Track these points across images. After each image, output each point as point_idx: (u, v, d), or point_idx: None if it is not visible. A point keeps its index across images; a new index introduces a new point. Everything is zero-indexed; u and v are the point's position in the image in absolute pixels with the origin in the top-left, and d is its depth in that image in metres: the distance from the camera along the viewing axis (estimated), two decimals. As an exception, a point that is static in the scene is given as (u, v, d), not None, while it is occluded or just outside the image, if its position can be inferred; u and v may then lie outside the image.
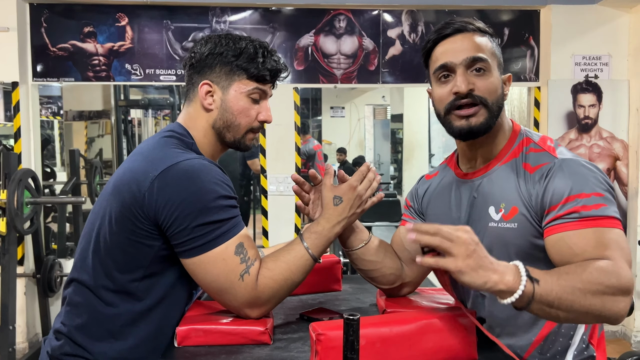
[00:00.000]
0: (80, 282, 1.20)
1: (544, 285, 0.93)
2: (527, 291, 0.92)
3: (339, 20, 3.75)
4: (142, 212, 1.12)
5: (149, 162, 1.15)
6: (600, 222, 1.04)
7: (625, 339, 3.79)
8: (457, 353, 1.03)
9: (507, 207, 1.14)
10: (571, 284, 0.94)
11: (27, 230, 3.25)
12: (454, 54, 1.15)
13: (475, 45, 1.15)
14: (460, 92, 1.13)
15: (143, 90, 5.98)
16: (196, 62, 1.26)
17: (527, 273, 0.93)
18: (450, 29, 1.16)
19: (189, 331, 1.13)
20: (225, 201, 1.14)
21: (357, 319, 0.77)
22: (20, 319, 3.41)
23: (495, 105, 1.16)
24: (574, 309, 0.95)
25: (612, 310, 0.96)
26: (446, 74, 1.16)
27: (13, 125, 3.52)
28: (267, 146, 3.77)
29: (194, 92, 1.28)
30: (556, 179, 1.09)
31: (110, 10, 3.63)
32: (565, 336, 1.16)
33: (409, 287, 1.36)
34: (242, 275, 1.13)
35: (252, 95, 1.26)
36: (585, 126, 3.79)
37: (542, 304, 0.94)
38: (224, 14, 3.70)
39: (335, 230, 1.23)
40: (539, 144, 1.18)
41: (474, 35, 1.16)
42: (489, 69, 1.15)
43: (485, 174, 1.21)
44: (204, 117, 1.27)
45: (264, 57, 1.25)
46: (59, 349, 1.19)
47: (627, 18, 3.74)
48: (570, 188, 1.07)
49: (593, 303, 0.95)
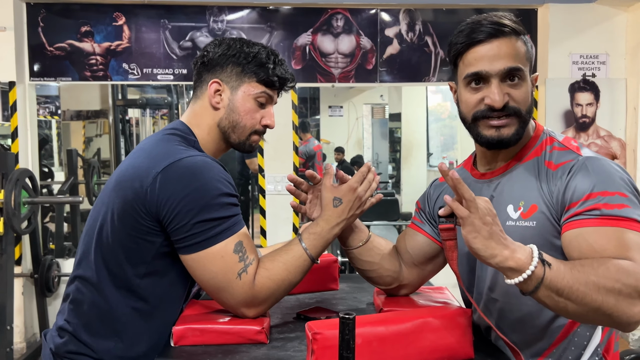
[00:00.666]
0: (84, 279, 1.20)
1: (556, 271, 0.90)
2: (537, 273, 0.89)
3: (337, 20, 3.75)
4: (144, 208, 1.13)
5: (152, 158, 1.16)
6: (622, 222, 0.98)
7: (624, 337, 3.80)
8: (454, 352, 1.03)
9: (527, 205, 1.10)
10: (585, 276, 0.90)
11: (25, 230, 3.25)
12: (489, 62, 1.08)
13: (512, 54, 1.09)
14: (496, 106, 1.08)
15: (141, 89, 5.97)
16: (208, 61, 1.28)
17: (540, 255, 0.91)
18: (483, 34, 1.09)
19: (186, 330, 1.13)
20: (227, 199, 1.14)
21: (352, 318, 0.77)
22: (18, 319, 3.40)
23: (527, 114, 1.12)
24: (584, 302, 0.90)
25: (625, 312, 0.90)
26: (478, 80, 1.11)
27: (10, 125, 3.52)
28: (265, 145, 3.76)
29: (202, 89, 1.29)
30: (579, 175, 1.05)
31: (108, 9, 3.62)
32: (579, 347, 1.11)
33: (407, 289, 1.35)
34: (240, 274, 1.13)
35: (259, 98, 1.28)
36: (582, 125, 3.79)
37: (551, 290, 0.90)
38: (222, 13, 3.69)
39: (334, 232, 1.23)
40: (562, 142, 1.14)
41: (510, 40, 1.09)
42: (524, 77, 1.10)
43: (504, 172, 1.17)
44: (210, 115, 1.28)
45: (275, 64, 1.28)
46: (63, 347, 1.20)
47: (624, 17, 3.75)
48: (593, 185, 1.02)
49: (606, 300, 0.90)
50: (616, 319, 0.92)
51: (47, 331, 1.28)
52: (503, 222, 1.09)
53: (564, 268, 0.91)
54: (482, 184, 1.20)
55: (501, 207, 1.12)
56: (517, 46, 1.10)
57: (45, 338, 1.26)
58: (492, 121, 1.10)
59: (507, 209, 1.12)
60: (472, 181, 1.23)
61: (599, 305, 0.90)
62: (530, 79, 1.13)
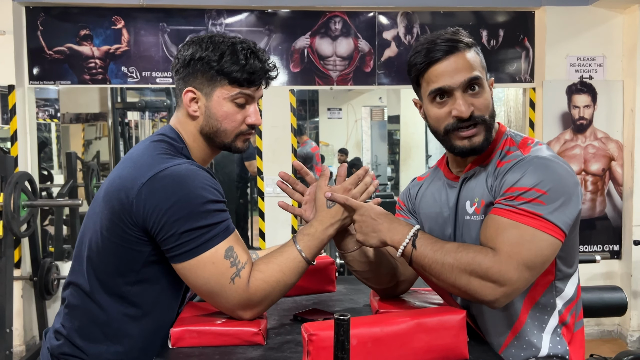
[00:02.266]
0: (77, 286, 1.22)
1: (421, 252, 1.12)
2: (406, 251, 1.13)
3: (335, 23, 3.77)
4: (130, 219, 1.13)
5: (137, 168, 1.16)
6: (518, 215, 1.08)
7: (622, 339, 3.80)
8: (448, 352, 1.04)
9: (479, 201, 1.20)
10: (443, 258, 1.09)
11: (24, 233, 3.26)
12: (450, 77, 1.16)
13: (469, 65, 1.17)
14: (463, 117, 1.16)
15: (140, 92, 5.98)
16: (180, 68, 1.25)
17: (413, 238, 1.13)
18: (440, 52, 1.17)
19: (183, 332, 1.14)
20: (213, 205, 1.14)
21: (347, 319, 0.77)
22: (17, 322, 3.41)
23: (491, 119, 1.21)
24: (442, 279, 1.10)
25: (477, 291, 1.07)
26: (442, 95, 1.18)
27: (10, 128, 3.53)
28: (263, 148, 3.77)
29: (181, 98, 1.27)
30: (512, 171, 1.14)
31: (107, 13, 3.64)
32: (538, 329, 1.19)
33: (404, 285, 1.38)
34: (233, 279, 1.14)
35: (237, 100, 1.24)
36: (580, 127, 3.80)
37: (418, 265, 1.13)
38: (220, 16, 3.71)
39: (329, 233, 1.24)
40: (519, 143, 1.22)
41: (465, 53, 1.18)
42: (482, 84, 1.19)
43: (468, 173, 1.25)
44: (192, 124, 1.27)
45: (247, 60, 1.21)
46: (58, 349, 1.22)
47: (621, 19, 3.76)
48: (518, 179, 1.11)
49: (459, 279, 1.07)
50: (474, 296, 1.08)
51: (47, 330, 1.30)
52: (463, 217, 1.24)
53: (430, 249, 1.11)
54: (453, 184, 1.29)
55: (463, 204, 1.24)
56: (471, 57, 1.18)
57: (45, 337, 1.29)
58: (462, 132, 1.19)
59: (465, 205, 1.23)
60: (445, 181, 1.32)
61: (453, 282, 1.09)
62: (487, 84, 1.21)
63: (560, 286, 1.20)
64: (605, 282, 3.76)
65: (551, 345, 1.18)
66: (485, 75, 1.21)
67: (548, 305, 1.19)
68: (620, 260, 3.85)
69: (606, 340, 3.78)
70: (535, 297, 1.18)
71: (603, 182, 3.82)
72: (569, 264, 1.21)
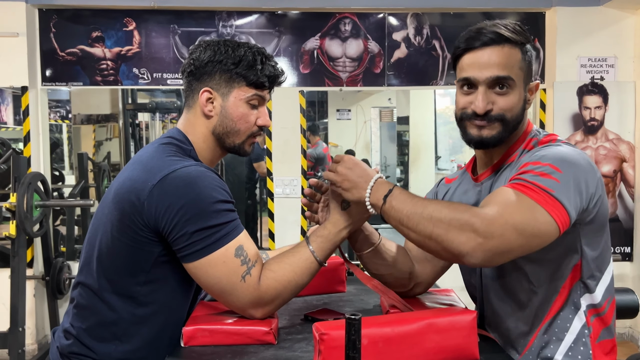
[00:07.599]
0: (86, 286, 1.24)
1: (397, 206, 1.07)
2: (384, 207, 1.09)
3: (344, 24, 3.77)
4: (142, 220, 1.15)
5: (147, 171, 1.18)
6: (524, 187, 1.02)
7: (633, 341, 3.77)
8: (459, 353, 1.04)
9: None
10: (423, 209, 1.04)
11: (37, 232, 3.29)
12: (479, 69, 1.14)
13: (502, 62, 1.14)
14: (478, 112, 1.15)
15: (150, 93, 6.02)
16: (195, 69, 1.28)
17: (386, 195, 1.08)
18: (479, 42, 1.15)
19: (195, 331, 1.15)
20: (222, 205, 1.16)
21: (358, 318, 0.78)
22: (30, 321, 3.44)
23: (513, 119, 1.17)
24: (418, 230, 1.04)
25: (452, 240, 1.00)
26: (469, 85, 1.17)
27: (23, 129, 3.56)
28: (273, 149, 3.79)
29: (194, 98, 1.29)
30: (528, 155, 1.14)
31: (118, 15, 3.67)
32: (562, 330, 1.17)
33: (421, 287, 1.37)
34: (244, 277, 1.15)
35: (251, 101, 1.28)
36: (591, 128, 3.78)
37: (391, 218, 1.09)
38: (230, 18, 3.73)
39: (342, 235, 1.25)
40: (542, 140, 1.20)
41: (502, 49, 1.14)
42: (513, 87, 1.15)
43: (492, 174, 1.24)
44: (204, 124, 1.29)
45: (262, 64, 1.27)
46: (67, 348, 1.24)
47: (632, 20, 3.74)
48: (532, 159, 1.09)
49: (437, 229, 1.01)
50: (447, 247, 1.01)
51: (55, 329, 1.32)
52: None
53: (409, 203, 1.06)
54: (478, 185, 1.28)
55: None
56: (508, 55, 1.15)
57: (54, 336, 1.31)
58: (475, 121, 1.18)
59: None
60: (471, 184, 1.30)
61: (430, 233, 1.02)
62: (524, 92, 1.17)
63: (590, 286, 1.18)
64: (616, 284, 3.70)
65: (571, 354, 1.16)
66: (524, 78, 1.17)
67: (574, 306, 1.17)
68: (632, 263, 3.82)
69: (617, 342, 3.75)
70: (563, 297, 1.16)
71: (614, 183, 3.79)
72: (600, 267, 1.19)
